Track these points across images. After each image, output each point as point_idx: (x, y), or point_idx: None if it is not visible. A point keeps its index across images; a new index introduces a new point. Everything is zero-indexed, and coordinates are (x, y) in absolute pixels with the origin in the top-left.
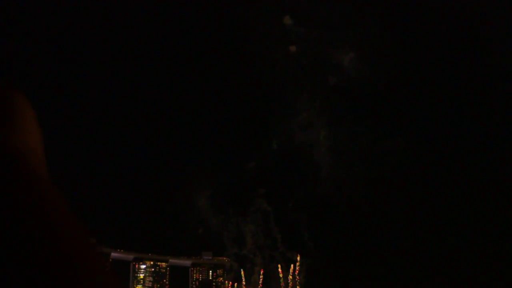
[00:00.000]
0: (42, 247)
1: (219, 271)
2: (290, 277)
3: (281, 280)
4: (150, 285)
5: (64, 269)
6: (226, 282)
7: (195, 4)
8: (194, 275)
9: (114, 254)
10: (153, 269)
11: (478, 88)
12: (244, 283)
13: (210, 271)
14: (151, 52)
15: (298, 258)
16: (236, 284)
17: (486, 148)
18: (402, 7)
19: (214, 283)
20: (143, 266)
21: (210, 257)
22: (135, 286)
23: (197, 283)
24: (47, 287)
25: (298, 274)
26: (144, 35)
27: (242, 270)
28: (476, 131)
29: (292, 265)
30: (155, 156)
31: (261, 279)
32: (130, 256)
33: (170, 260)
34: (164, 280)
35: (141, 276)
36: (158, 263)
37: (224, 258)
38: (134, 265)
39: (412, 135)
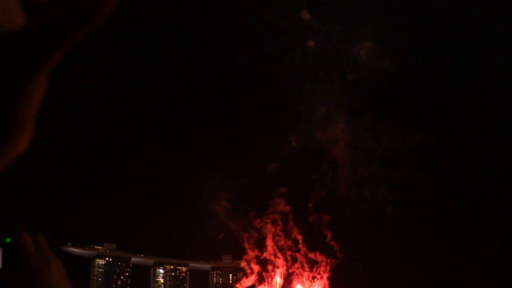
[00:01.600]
0: None
1: (239, 275)
2: (314, 278)
3: (304, 281)
4: None
5: None
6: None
7: (208, 1)
8: (214, 279)
9: (134, 259)
10: (173, 274)
11: (507, 82)
12: (266, 286)
13: (230, 275)
14: (166, 56)
15: (321, 259)
16: None
17: None
18: None
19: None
20: (162, 271)
21: (230, 261)
22: None
23: (217, 286)
24: None
25: (322, 275)
26: (159, 37)
27: (263, 272)
28: (506, 126)
29: (315, 266)
30: (174, 161)
31: (282, 282)
32: (150, 261)
33: (190, 264)
34: (184, 284)
35: (161, 280)
36: (178, 267)
37: (243, 261)
38: (155, 270)
39: (435, 131)
